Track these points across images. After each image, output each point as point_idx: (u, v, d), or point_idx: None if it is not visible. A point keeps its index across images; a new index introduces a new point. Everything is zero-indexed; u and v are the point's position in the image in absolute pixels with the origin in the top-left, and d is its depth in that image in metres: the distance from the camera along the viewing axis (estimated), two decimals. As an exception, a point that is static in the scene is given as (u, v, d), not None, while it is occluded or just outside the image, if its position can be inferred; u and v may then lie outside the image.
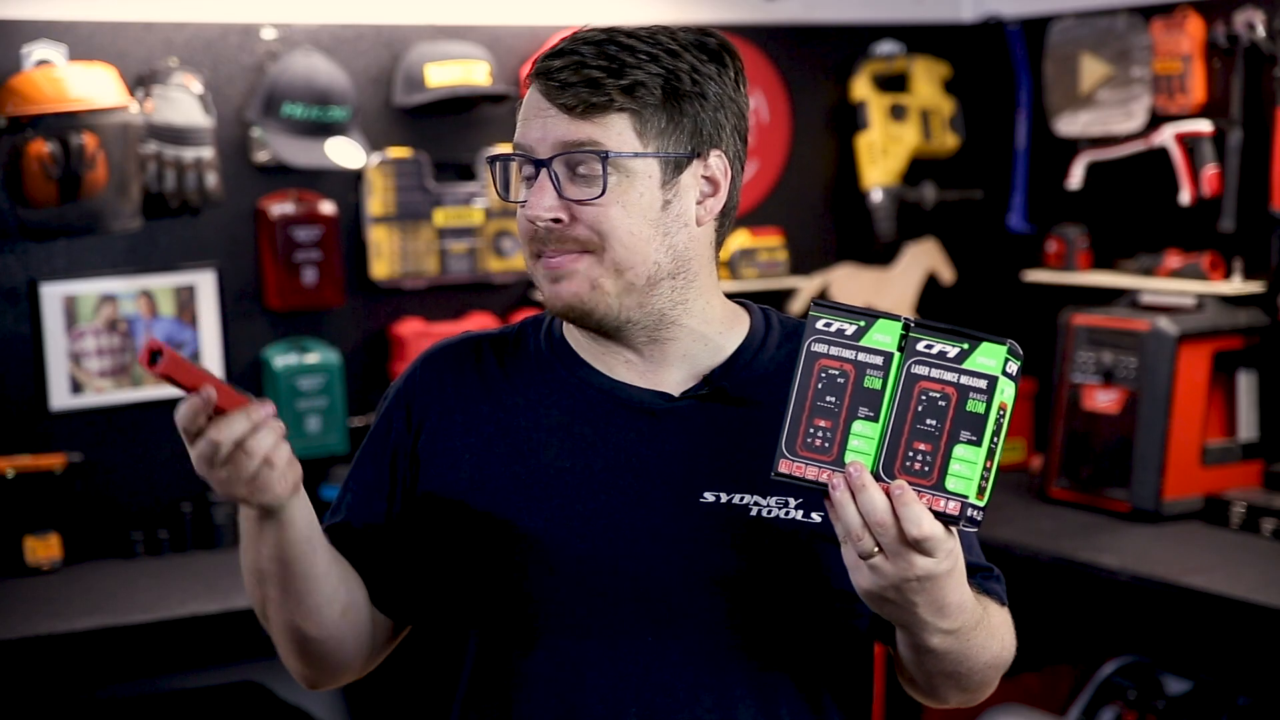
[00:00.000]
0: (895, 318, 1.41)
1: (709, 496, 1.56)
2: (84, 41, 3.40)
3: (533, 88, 1.56)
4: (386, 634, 1.70)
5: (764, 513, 1.55)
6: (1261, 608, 2.99)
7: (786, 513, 1.55)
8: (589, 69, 1.52)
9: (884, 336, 1.40)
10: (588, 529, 1.56)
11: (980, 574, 1.61)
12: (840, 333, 1.42)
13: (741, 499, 1.55)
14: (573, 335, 1.66)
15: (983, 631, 1.52)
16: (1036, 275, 4.17)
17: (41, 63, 3.30)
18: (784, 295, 4.14)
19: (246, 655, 3.23)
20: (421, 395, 1.67)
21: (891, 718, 3.70)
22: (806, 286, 4.20)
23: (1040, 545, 3.44)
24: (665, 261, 1.57)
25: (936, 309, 4.33)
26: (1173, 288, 3.79)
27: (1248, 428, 3.69)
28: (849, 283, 4.24)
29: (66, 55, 3.34)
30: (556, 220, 1.54)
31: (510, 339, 1.69)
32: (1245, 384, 3.69)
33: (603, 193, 1.53)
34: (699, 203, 1.59)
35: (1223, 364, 3.65)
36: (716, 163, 1.59)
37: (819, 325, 1.42)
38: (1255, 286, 3.67)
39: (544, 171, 1.54)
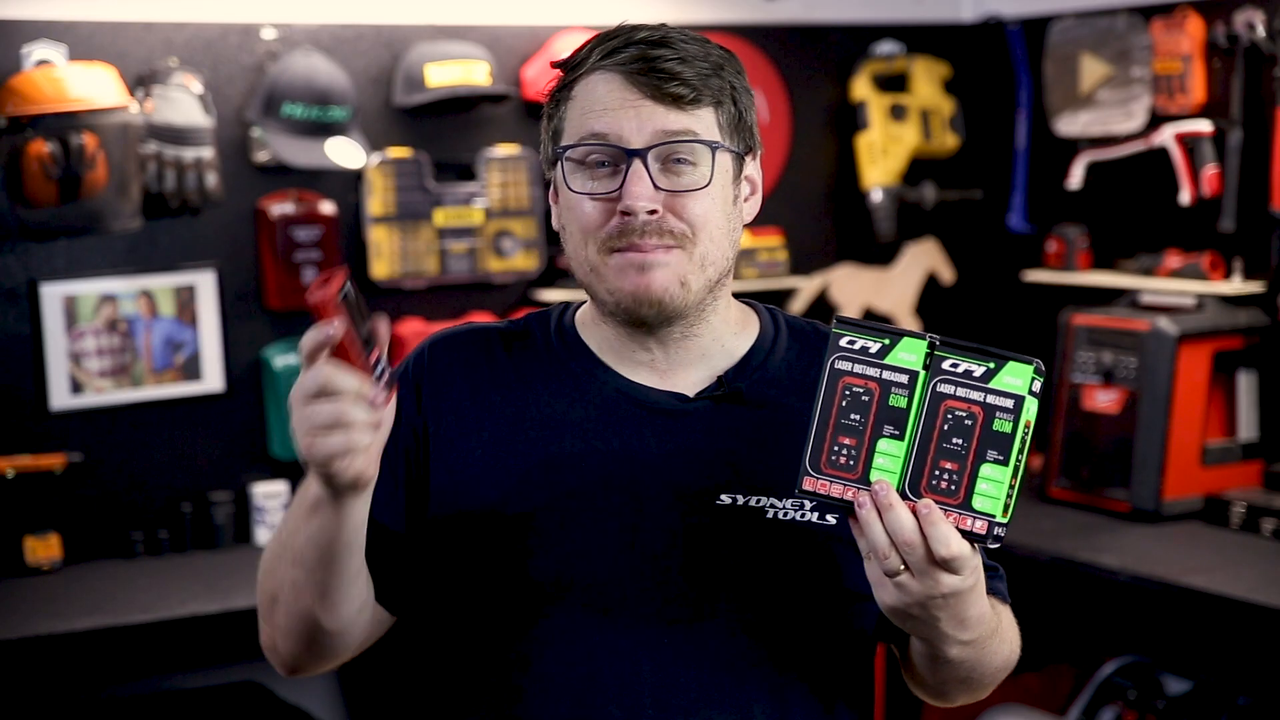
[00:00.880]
0: (920, 335, 1.41)
1: (725, 499, 1.55)
2: (84, 41, 3.39)
3: (602, 79, 1.55)
4: (382, 625, 1.67)
5: (780, 515, 1.55)
6: (1261, 608, 2.99)
7: (802, 515, 1.55)
8: (672, 62, 1.53)
9: (909, 355, 1.40)
10: (603, 529, 1.55)
11: (986, 572, 1.61)
12: (864, 350, 1.41)
13: (758, 501, 1.55)
14: (587, 332, 1.64)
15: (996, 639, 1.53)
16: (1036, 275, 4.17)
17: (41, 63, 3.29)
18: (784, 295, 4.13)
19: (246, 655, 3.20)
20: (431, 378, 1.64)
21: (891, 717, 3.70)
22: (806, 286, 4.19)
23: (1040, 545, 3.44)
24: (731, 257, 1.60)
25: (936, 309, 4.33)
26: (1173, 288, 3.79)
27: (1248, 428, 3.69)
28: (849, 283, 4.24)
29: (66, 55, 3.33)
30: (651, 211, 1.53)
31: (517, 333, 1.67)
32: (1245, 384, 3.69)
33: (709, 183, 1.54)
34: (745, 200, 1.63)
35: (1223, 364, 3.65)
36: (757, 164, 1.64)
37: (842, 343, 1.42)
38: (1255, 286, 3.67)
39: (637, 161, 1.53)
